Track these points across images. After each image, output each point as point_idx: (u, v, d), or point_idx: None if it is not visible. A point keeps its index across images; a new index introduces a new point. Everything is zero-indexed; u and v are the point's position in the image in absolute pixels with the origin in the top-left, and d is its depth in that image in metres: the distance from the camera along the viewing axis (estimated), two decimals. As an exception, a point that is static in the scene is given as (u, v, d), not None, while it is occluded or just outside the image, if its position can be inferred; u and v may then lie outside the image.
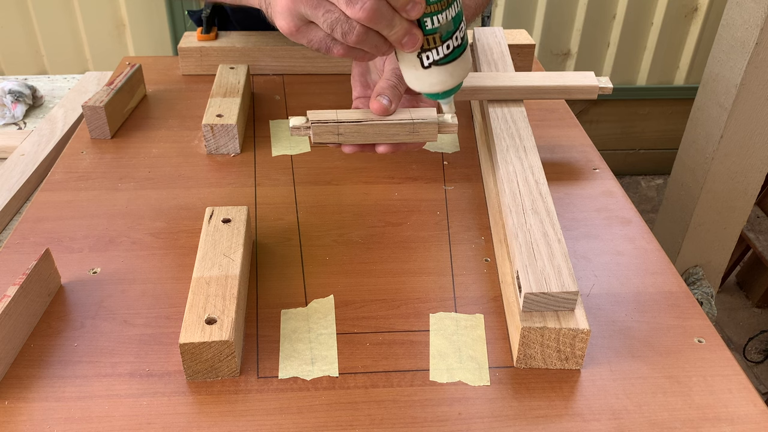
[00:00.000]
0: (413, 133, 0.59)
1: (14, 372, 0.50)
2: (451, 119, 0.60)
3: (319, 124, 0.58)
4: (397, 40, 0.51)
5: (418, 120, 0.59)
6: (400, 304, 0.56)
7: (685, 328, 0.55)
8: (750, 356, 1.68)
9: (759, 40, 1.27)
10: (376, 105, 0.58)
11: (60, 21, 1.81)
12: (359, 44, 0.50)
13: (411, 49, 0.52)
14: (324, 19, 0.49)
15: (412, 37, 0.51)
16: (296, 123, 0.59)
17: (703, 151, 1.45)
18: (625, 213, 0.68)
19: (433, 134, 0.60)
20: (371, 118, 0.59)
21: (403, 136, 0.60)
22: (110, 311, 0.55)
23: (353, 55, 0.53)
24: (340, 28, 0.49)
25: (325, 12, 0.49)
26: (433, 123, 0.59)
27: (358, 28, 0.49)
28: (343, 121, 0.58)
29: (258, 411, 0.47)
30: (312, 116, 0.59)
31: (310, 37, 0.52)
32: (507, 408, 0.48)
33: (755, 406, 0.48)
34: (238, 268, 0.53)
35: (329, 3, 0.49)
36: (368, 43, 0.51)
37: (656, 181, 2.31)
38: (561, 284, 0.49)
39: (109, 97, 0.78)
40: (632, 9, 1.98)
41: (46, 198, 0.68)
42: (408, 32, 0.51)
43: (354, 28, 0.49)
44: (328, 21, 0.49)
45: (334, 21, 0.49)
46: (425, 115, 0.60)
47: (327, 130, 0.58)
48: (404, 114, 0.60)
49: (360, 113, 0.60)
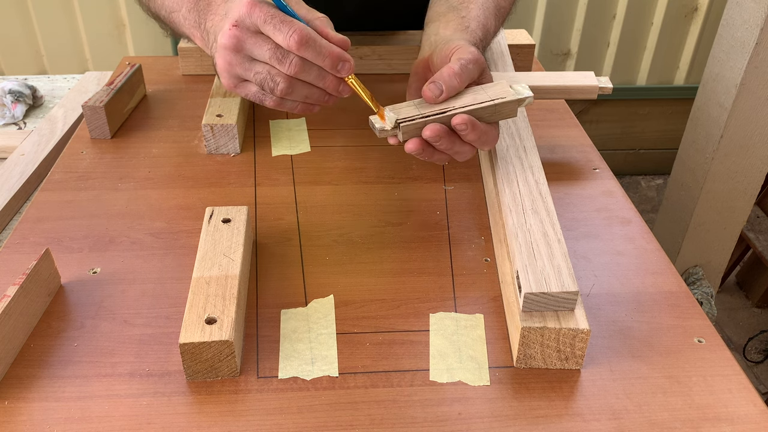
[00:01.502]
0: (495, 113, 0.58)
1: (14, 372, 0.50)
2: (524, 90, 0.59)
3: (407, 124, 0.56)
4: (333, 90, 0.57)
5: (499, 100, 0.57)
6: (400, 304, 0.56)
7: (685, 328, 0.55)
8: (750, 356, 1.68)
9: (759, 40, 1.27)
10: (426, 92, 0.57)
11: (60, 21, 1.81)
12: (288, 96, 0.57)
13: (348, 95, 0.58)
14: (254, 78, 0.56)
15: (345, 87, 0.57)
16: (382, 126, 0.56)
17: (703, 151, 1.45)
18: (625, 213, 0.68)
19: (514, 111, 0.59)
20: (451, 106, 0.57)
21: (486, 118, 0.58)
22: (110, 311, 0.55)
23: (286, 107, 0.59)
24: (268, 84, 0.56)
25: (255, 73, 0.56)
26: (513, 101, 0.58)
27: (282, 83, 0.55)
28: (429, 115, 0.56)
29: (258, 411, 0.47)
30: (392, 113, 0.56)
31: (246, 92, 0.59)
32: (507, 408, 0.48)
33: (755, 406, 0.48)
34: (238, 268, 0.53)
35: (259, 63, 0.56)
36: (297, 94, 0.57)
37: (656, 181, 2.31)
38: (561, 284, 0.49)
39: (109, 97, 0.78)
40: (632, 9, 1.98)
41: (46, 198, 0.68)
42: (335, 85, 0.57)
43: (278, 84, 0.55)
44: (257, 79, 0.56)
45: (263, 79, 0.56)
46: (501, 92, 0.58)
47: (415, 127, 0.56)
48: (480, 94, 0.58)
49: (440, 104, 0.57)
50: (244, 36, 0.54)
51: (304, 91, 0.57)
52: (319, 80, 0.56)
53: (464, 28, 0.65)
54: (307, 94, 0.57)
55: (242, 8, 0.53)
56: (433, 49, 0.62)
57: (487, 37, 0.68)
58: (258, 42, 0.54)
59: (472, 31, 0.65)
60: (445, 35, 0.64)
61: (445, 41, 0.62)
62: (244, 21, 0.54)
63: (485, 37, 0.68)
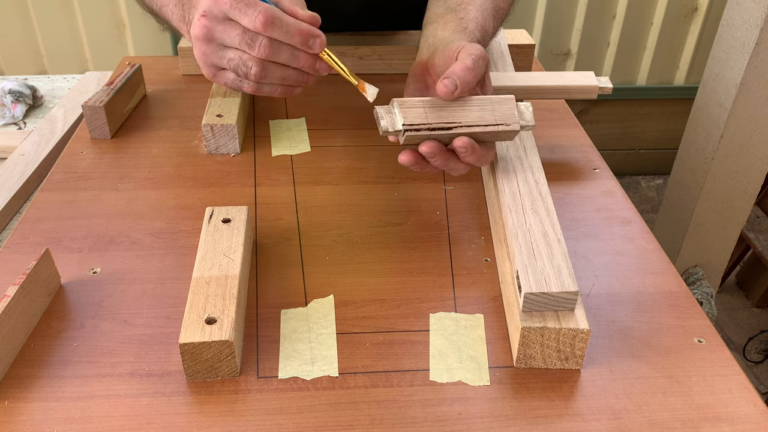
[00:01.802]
0: (497, 136, 0.58)
1: (14, 372, 0.50)
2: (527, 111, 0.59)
3: (413, 133, 0.55)
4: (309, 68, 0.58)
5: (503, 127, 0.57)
6: (400, 304, 0.56)
7: (685, 328, 0.55)
8: (750, 356, 1.68)
9: (759, 40, 1.27)
10: (441, 88, 0.56)
11: (60, 21, 1.81)
12: (263, 79, 0.57)
13: (326, 73, 0.58)
14: (229, 65, 0.57)
15: (321, 64, 0.58)
16: (386, 126, 0.56)
17: (703, 151, 1.45)
18: (625, 213, 0.68)
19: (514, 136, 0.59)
20: (460, 121, 0.56)
21: (487, 139, 0.58)
22: (110, 311, 0.55)
23: (264, 91, 0.59)
24: (242, 69, 0.57)
25: (228, 60, 0.57)
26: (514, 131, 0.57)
27: (255, 67, 0.56)
28: (435, 128, 0.56)
29: (258, 411, 0.47)
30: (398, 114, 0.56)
31: (225, 80, 0.59)
32: (507, 408, 0.48)
33: (755, 406, 0.48)
34: (238, 268, 0.53)
35: (231, 50, 0.56)
36: (272, 76, 0.57)
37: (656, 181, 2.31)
38: (561, 284, 0.49)
39: (109, 97, 0.78)
40: (632, 9, 1.98)
41: (46, 198, 0.68)
42: (309, 62, 0.57)
43: (251, 68, 0.56)
44: (231, 66, 0.57)
45: (236, 65, 0.57)
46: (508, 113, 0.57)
47: (420, 137, 0.56)
48: (487, 112, 0.57)
49: (448, 113, 0.56)
50: (213, 24, 0.55)
51: (279, 72, 0.57)
52: (293, 60, 0.56)
53: (462, 29, 0.65)
54: (282, 76, 0.57)
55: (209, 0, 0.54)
56: (433, 51, 0.62)
57: (485, 38, 0.68)
58: (226, 29, 0.55)
59: (470, 32, 0.65)
60: (443, 37, 0.64)
61: (445, 43, 0.61)
62: (212, 10, 0.54)
63: (483, 38, 0.68)
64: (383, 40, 0.94)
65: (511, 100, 0.58)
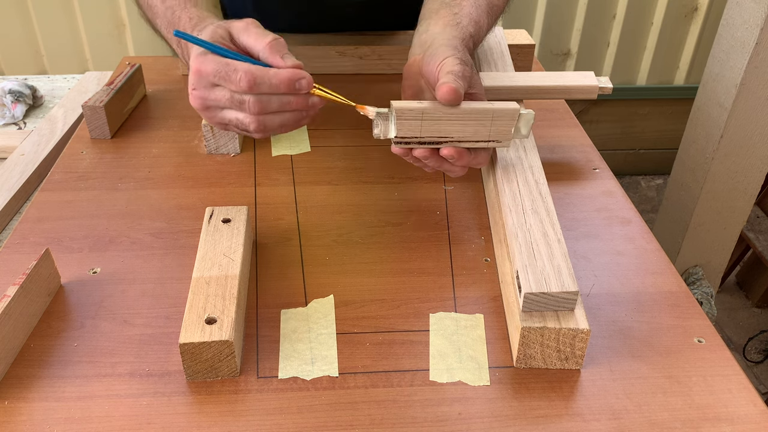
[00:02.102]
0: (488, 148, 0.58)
1: (14, 372, 0.50)
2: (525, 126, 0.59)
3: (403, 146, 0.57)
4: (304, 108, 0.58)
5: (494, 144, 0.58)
6: (400, 304, 0.56)
7: (685, 328, 0.55)
8: (750, 356, 1.68)
9: (759, 40, 1.27)
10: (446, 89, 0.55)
11: (60, 21, 1.81)
12: (265, 130, 0.58)
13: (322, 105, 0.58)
14: (229, 124, 0.59)
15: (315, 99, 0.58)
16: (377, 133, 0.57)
17: (703, 151, 1.45)
18: (625, 213, 0.68)
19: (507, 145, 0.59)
20: (452, 136, 0.56)
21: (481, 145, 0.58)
22: (110, 311, 0.55)
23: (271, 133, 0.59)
24: (241, 126, 0.58)
25: (228, 121, 0.58)
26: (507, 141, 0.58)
27: (252, 124, 0.57)
28: (425, 141, 0.56)
29: (258, 411, 0.47)
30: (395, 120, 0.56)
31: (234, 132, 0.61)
32: (507, 408, 0.48)
33: (755, 406, 0.48)
34: (238, 268, 0.53)
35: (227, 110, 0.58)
36: (271, 125, 0.58)
37: (656, 181, 2.31)
38: (561, 284, 0.49)
39: (109, 97, 0.78)
40: (632, 9, 1.98)
41: (46, 198, 0.68)
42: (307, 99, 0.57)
43: (249, 125, 0.57)
44: (232, 125, 0.59)
45: (235, 124, 0.58)
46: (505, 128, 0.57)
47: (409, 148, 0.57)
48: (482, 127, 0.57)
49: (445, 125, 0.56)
50: (205, 94, 0.57)
51: (277, 119, 0.58)
52: (286, 105, 0.57)
53: (455, 24, 0.65)
54: (281, 122, 0.58)
55: (192, 73, 0.56)
56: (424, 50, 0.62)
57: (479, 33, 0.68)
58: (217, 96, 0.57)
59: (463, 27, 0.65)
60: (434, 32, 0.64)
61: (435, 45, 0.61)
62: (199, 82, 0.56)
63: (477, 32, 0.68)
64: (383, 40, 0.94)
65: (513, 112, 0.57)
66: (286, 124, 0.59)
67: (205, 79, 0.56)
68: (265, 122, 0.57)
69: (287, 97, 0.57)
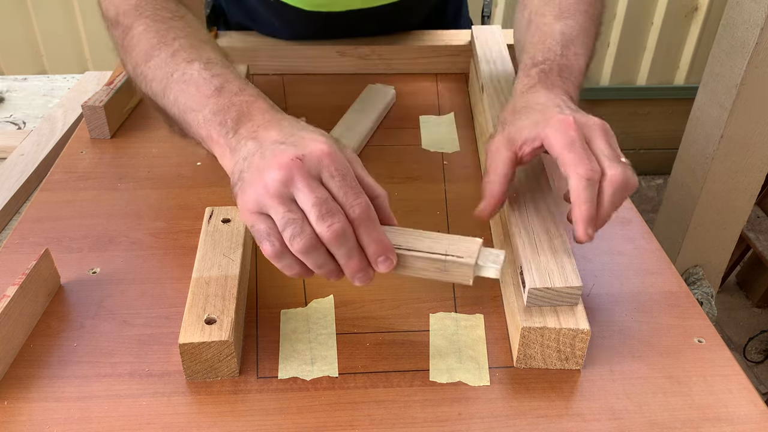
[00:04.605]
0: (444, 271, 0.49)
1: (14, 372, 0.50)
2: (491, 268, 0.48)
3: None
4: (351, 274, 0.48)
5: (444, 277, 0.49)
6: (400, 304, 0.56)
7: (685, 328, 0.55)
8: (750, 356, 1.68)
9: (759, 40, 1.27)
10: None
11: (60, 21, 1.81)
12: (300, 253, 0.46)
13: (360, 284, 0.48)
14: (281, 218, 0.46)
15: (365, 274, 0.48)
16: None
17: (703, 151, 1.45)
18: (625, 213, 0.68)
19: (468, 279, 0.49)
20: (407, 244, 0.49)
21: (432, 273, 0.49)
22: (110, 311, 0.55)
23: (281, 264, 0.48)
24: (290, 231, 0.45)
25: (286, 211, 0.45)
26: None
27: (306, 239, 0.45)
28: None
29: (257, 411, 0.47)
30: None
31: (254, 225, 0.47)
32: (507, 408, 0.48)
33: (755, 406, 0.48)
34: (237, 268, 0.53)
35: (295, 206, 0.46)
36: (309, 258, 0.46)
37: (656, 181, 2.31)
38: (564, 279, 0.49)
39: (108, 97, 0.77)
40: (632, 9, 1.98)
41: (46, 198, 0.68)
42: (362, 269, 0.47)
43: (302, 237, 0.45)
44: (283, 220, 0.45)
45: (286, 222, 0.45)
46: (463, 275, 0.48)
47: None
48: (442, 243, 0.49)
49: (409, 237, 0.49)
50: (301, 175, 0.45)
51: (320, 259, 0.46)
52: (346, 257, 0.46)
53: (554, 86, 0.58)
54: (320, 263, 0.47)
55: (315, 150, 0.46)
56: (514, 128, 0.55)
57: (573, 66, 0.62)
58: (312, 187, 0.45)
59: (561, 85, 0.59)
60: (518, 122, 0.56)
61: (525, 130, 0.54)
62: (311, 161, 0.46)
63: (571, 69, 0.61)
64: (383, 39, 0.93)
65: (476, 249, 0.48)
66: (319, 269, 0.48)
67: (321, 166, 0.46)
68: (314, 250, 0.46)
69: (356, 254, 0.47)
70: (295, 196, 0.46)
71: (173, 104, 0.55)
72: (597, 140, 0.52)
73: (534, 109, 0.56)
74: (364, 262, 0.47)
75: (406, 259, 0.48)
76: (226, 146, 0.51)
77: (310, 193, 0.45)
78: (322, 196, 0.45)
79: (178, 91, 0.54)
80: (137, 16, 0.60)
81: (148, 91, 0.59)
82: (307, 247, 0.45)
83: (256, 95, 0.53)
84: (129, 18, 0.61)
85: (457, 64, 0.93)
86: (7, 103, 0.96)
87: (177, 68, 0.55)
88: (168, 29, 0.58)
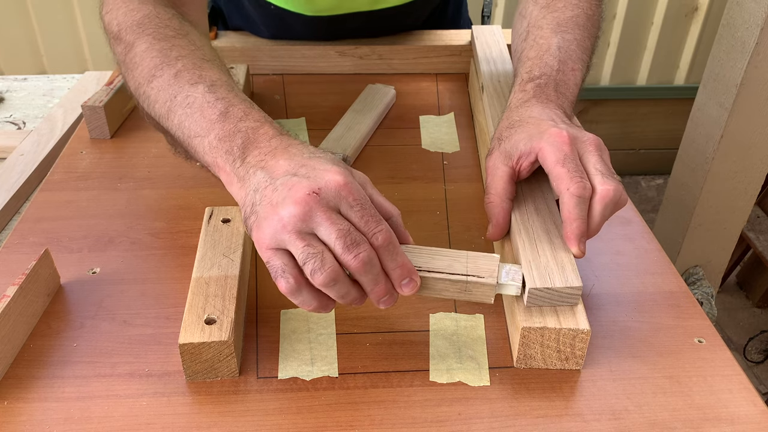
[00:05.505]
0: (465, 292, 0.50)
1: (14, 372, 0.50)
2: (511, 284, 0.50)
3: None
4: (376, 299, 0.48)
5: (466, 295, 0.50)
6: (400, 304, 0.56)
7: (685, 328, 0.55)
8: (750, 356, 1.68)
9: (759, 40, 1.27)
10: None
11: (60, 21, 1.81)
12: (323, 286, 0.45)
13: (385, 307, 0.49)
14: (301, 252, 0.45)
15: (390, 297, 0.48)
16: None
17: (703, 151, 1.45)
18: (625, 213, 0.68)
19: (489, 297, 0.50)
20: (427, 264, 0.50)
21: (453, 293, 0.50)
22: (109, 311, 0.55)
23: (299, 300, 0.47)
24: (311, 265, 0.45)
25: (305, 246, 0.45)
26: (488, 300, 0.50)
27: (329, 272, 0.44)
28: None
29: (257, 411, 0.47)
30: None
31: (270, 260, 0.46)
32: (507, 408, 0.48)
33: (755, 406, 0.48)
34: (237, 268, 0.53)
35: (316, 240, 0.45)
36: (333, 289, 0.46)
37: (656, 181, 2.31)
38: (564, 279, 0.49)
39: (108, 97, 0.77)
40: (632, 9, 1.98)
41: (46, 198, 0.68)
42: (387, 293, 0.48)
43: (324, 270, 0.44)
44: (304, 254, 0.45)
45: (307, 256, 0.45)
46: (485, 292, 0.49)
47: None
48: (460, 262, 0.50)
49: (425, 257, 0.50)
50: (320, 210, 0.45)
51: (344, 289, 0.46)
52: (372, 283, 0.47)
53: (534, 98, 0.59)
54: (343, 294, 0.46)
55: (331, 183, 0.46)
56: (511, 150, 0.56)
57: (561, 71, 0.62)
58: (333, 220, 0.45)
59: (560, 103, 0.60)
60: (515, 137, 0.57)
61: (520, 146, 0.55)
62: (328, 194, 0.46)
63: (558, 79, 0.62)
64: (383, 40, 0.94)
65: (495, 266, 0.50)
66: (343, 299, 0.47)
67: (339, 198, 0.46)
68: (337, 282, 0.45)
69: (382, 280, 0.47)
70: (316, 230, 0.45)
71: (177, 128, 0.54)
72: (590, 156, 0.53)
73: (528, 123, 0.57)
74: (389, 286, 0.48)
75: (428, 281, 0.49)
76: (234, 174, 0.50)
77: (331, 226, 0.45)
78: (344, 227, 0.45)
79: (183, 114, 0.54)
80: (140, 33, 0.59)
81: (151, 111, 0.58)
82: (330, 279, 0.45)
83: (261, 120, 0.53)
84: (131, 35, 0.60)
85: (457, 64, 0.93)
86: (7, 103, 0.96)
87: (180, 90, 0.54)
88: (171, 48, 0.58)
